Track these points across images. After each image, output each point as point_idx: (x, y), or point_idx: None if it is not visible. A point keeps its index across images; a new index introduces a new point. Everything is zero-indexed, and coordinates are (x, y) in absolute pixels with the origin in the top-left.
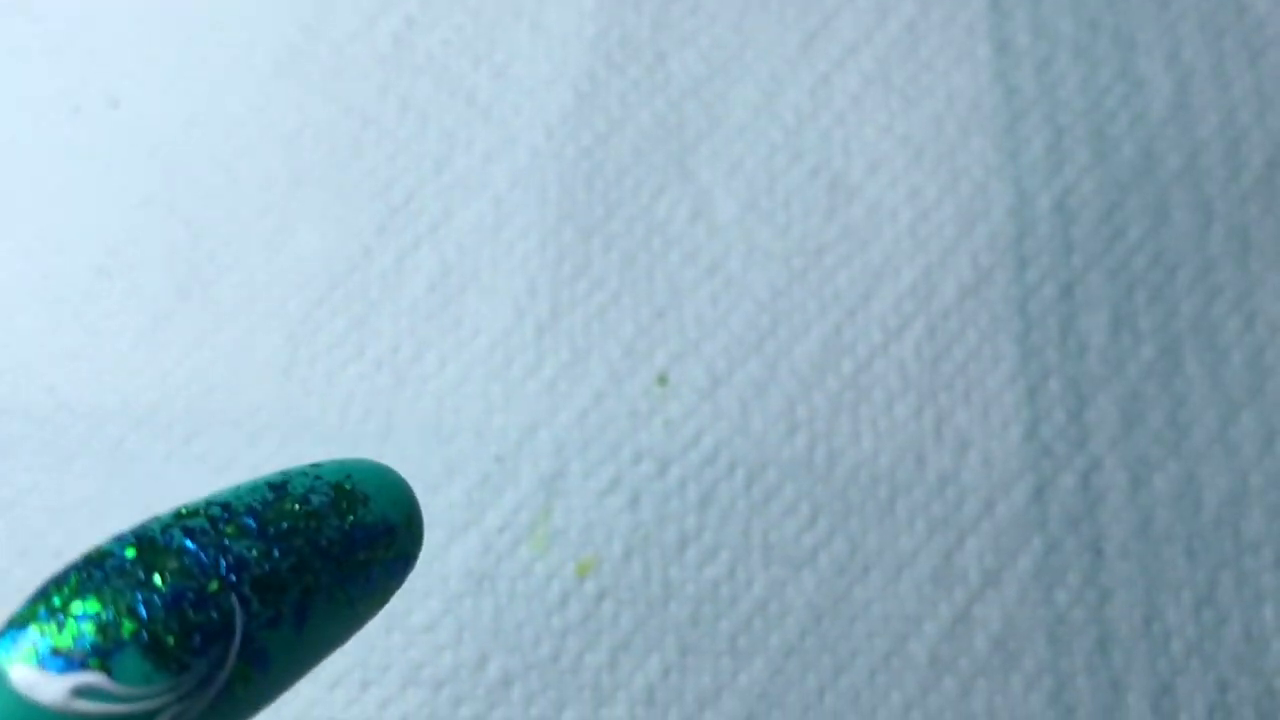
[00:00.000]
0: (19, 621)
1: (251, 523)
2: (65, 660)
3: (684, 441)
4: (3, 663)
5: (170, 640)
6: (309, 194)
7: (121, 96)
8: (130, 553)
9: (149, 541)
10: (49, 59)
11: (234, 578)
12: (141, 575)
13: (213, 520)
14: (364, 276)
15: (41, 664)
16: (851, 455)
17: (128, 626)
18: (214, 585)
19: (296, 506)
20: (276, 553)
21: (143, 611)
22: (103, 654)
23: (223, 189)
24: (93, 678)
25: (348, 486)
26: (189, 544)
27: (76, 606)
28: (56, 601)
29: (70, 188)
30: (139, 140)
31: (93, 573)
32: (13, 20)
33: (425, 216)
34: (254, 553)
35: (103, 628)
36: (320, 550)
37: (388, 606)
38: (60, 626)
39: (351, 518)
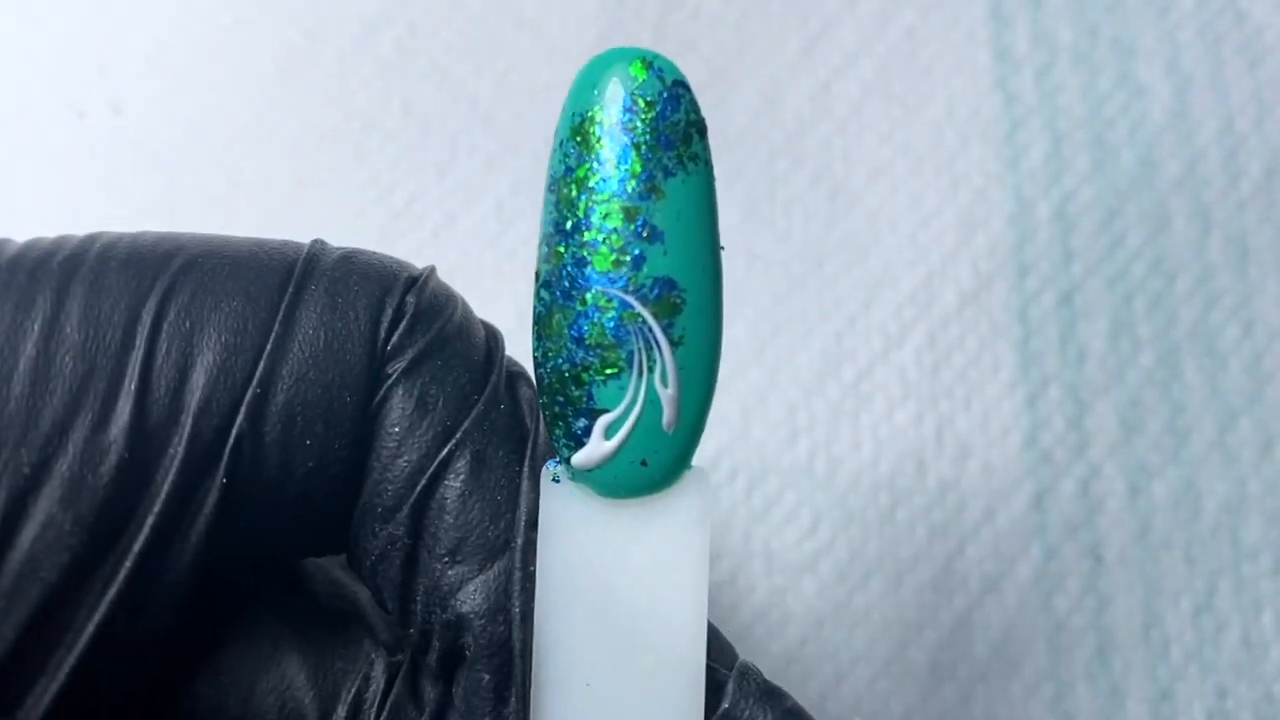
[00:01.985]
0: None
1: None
2: (582, 430)
3: None
4: (567, 470)
5: (598, 359)
6: (311, 199)
7: (124, 102)
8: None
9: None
10: (51, 65)
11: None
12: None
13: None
14: None
15: (574, 444)
16: (852, 462)
17: (586, 377)
18: (614, 311)
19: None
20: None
21: (577, 356)
22: (591, 414)
23: (225, 194)
24: (602, 420)
25: (580, 122)
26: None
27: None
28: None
29: (73, 194)
30: (141, 146)
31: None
32: (15, 26)
33: (427, 222)
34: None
35: (581, 410)
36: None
37: None
38: (560, 421)
39: (594, 137)
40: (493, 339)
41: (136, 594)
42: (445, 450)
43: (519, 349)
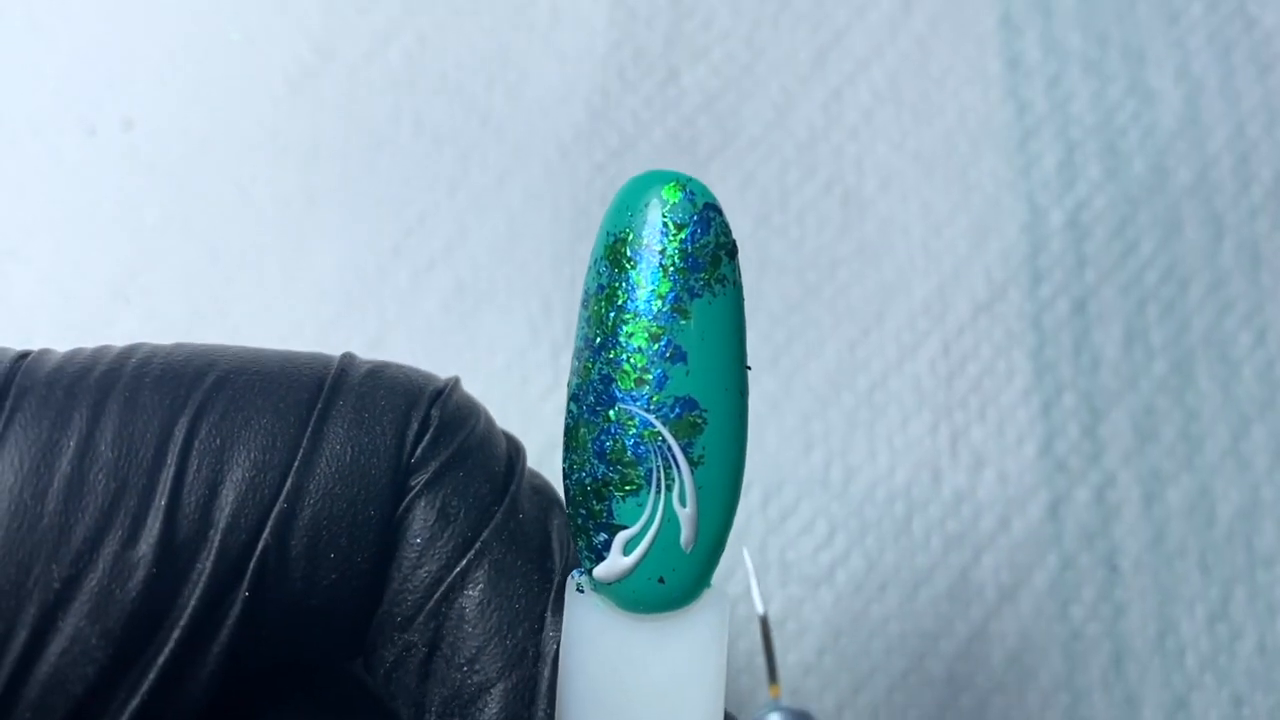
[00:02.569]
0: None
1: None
2: (602, 544)
3: None
4: (590, 581)
5: (618, 475)
6: (324, 215)
7: (136, 119)
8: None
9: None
10: (63, 82)
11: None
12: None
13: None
14: (379, 296)
15: (595, 557)
16: (867, 472)
17: (606, 492)
18: (636, 430)
19: (604, 304)
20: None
21: (599, 471)
22: (610, 529)
23: (238, 210)
24: (620, 536)
25: (613, 242)
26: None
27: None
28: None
29: (86, 211)
30: (154, 162)
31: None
32: (27, 45)
33: (440, 236)
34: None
35: (601, 525)
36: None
37: None
38: (582, 534)
39: (629, 259)
40: (514, 449)
41: (159, 703)
42: (465, 560)
43: (528, 363)
